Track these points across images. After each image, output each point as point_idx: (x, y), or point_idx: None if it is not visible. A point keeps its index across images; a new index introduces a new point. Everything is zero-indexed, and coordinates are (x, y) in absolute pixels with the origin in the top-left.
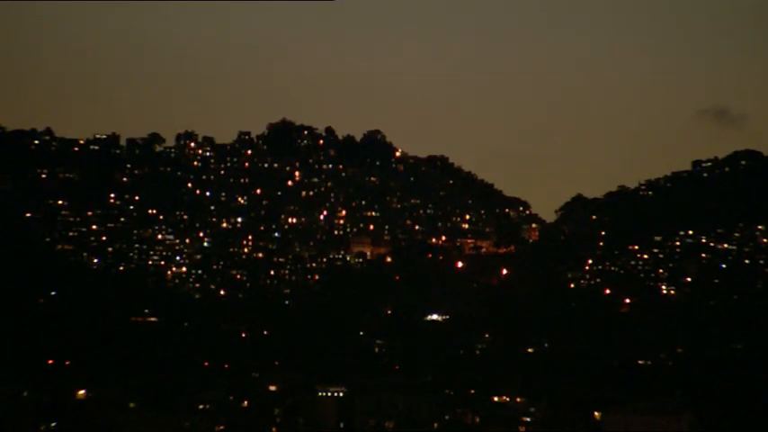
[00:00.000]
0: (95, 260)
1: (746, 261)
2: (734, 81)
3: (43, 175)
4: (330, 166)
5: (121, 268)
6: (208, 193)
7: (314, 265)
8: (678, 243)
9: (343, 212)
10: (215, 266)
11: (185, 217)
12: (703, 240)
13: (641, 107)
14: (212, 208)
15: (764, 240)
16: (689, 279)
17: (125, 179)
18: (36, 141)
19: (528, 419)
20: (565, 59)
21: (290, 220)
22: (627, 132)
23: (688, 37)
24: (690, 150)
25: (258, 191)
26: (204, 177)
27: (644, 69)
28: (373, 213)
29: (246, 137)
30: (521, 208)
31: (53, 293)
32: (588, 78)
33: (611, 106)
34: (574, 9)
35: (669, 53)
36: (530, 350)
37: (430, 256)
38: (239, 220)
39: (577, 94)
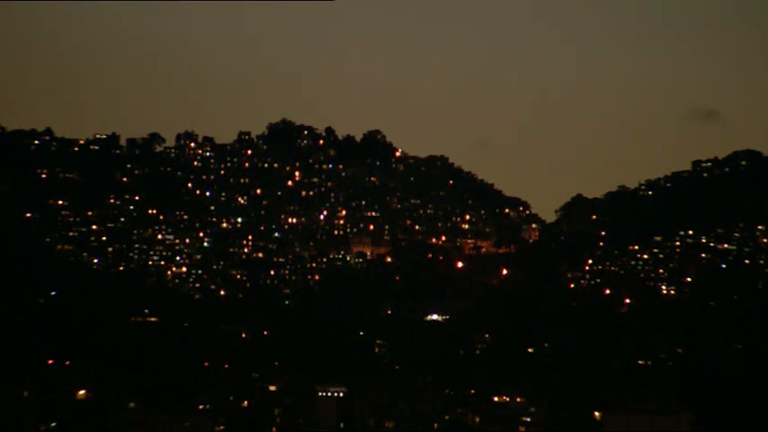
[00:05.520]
0: (95, 260)
1: (746, 261)
2: (725, 83)
3: (43, 175)
4: (330, 166)
5: (121, 268)
6: (208, 193)
7: (314, 265)
8: (678, 243)
9: (343, 212)
10: (215, 266)
11: (185, 217)
12: (703, 240)
13: (641, 107)
14: (212, 208)
15: (764, 240)
16: (689, 279)
17: (125, 179)
18: (36, 141)
19: (528, 419)
20: (565, 60)
21: (290, 220)
22: (627, 132)
23: (683, 38)
24: (685, 151)
25: (258, 191)
26: (204, 177)
27: (644, 70)
28: (373, 213)
29: (246, 137)
30: (521, 208)
31: (53, 293)
32: (588, 79)
33: (610, 106)
34: (574, 10)
35: (666, 54)
36: (530, 350)
37: (430, 256)
38: (239, 220)
39: (577, 95)
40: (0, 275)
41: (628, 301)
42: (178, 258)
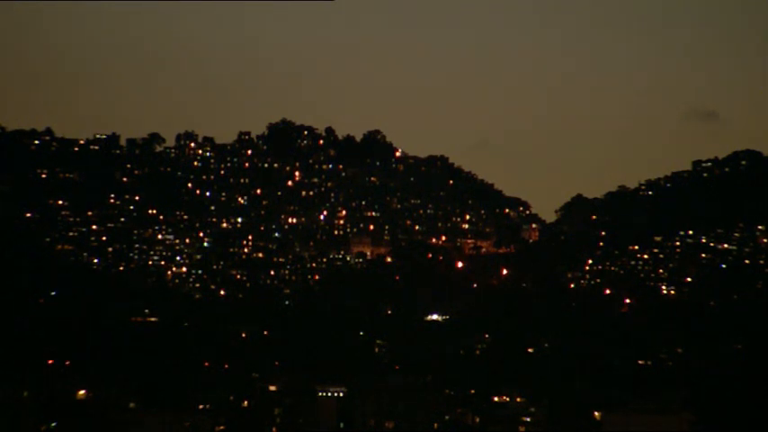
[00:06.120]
0: (95, 260)
1: (746, 261)
2: (725, 83)
3: (43, 175)
4: (330, 166)
5: (121, 268)
6: (208, 193)
7: (314, 265)
8: (678, 243)
9: (343, 212)
10: (215, 266)
11: (185, 217)
12: (703, 240)
13: (641, 107)
14: (212, 208)
15: (764, 240)
16: (689, 279)
17: (125, 179)
18: (36, 141)
19: (528, 419)
20: (565, 60)
21: (290, 220)
22: (627, 132)
23: (683, 38)
24: (685, 151)
25: (258, 191)
26: (204, 177)
27: (644, 70)
28: (373, 213)
29: (246, 137)
30: (521, 208)
31: (53, 293)
32: (588, 79)
33: (610, 106)
34: (574, 10)
35: (666, 54)
36: (530, 350)
37: (430, 256)
38: (239, 220)
39: (577, 95)
40: (0, 275)
41: (628, 301)
42: (178, 258)
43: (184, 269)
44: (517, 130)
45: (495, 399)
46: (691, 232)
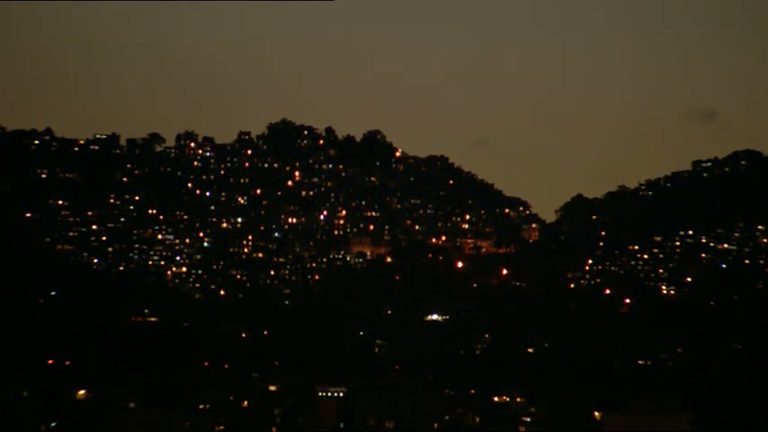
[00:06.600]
0: (95, 260)
1: (746, 261)
2: (725, 83)
3: (43, 175)
4: (330, 166)
5: (121, 268)
6: (208, 193)
7: (314, 265)
8: (678, 243)
9: (343, 212)
10: (215, 266)
11: (185, 217)
12: (703, 240)
13: (641, 107)
14: (212, 208)
15: (764, 240)
16: (689, 279)
17: (125, 179)
18: (36, 141)
19: (528, 419)
20: (565, 60)
21: (290, 220)
22: (627, 132)
23: (683, 38)
24: (685, 151)
25: (258, 191)
26: (204, 177)
27: (643, 70)
28: (373, 213)
29: (246, 137)
30: (521, 208)
31: (53, 293)
32: (588, 79)
33: (610, 106)
34: (574, 9)
35: (666, 54)
36: (530, 350)
37: (430, 256)
38: (239, 220)
39: (577, 95)
40: (0, 275)
41: (628, 301)
42: (178, 258)
43: (184, 269)
44: (517, 130)
45: (495, 399)
46: (691, 232)
